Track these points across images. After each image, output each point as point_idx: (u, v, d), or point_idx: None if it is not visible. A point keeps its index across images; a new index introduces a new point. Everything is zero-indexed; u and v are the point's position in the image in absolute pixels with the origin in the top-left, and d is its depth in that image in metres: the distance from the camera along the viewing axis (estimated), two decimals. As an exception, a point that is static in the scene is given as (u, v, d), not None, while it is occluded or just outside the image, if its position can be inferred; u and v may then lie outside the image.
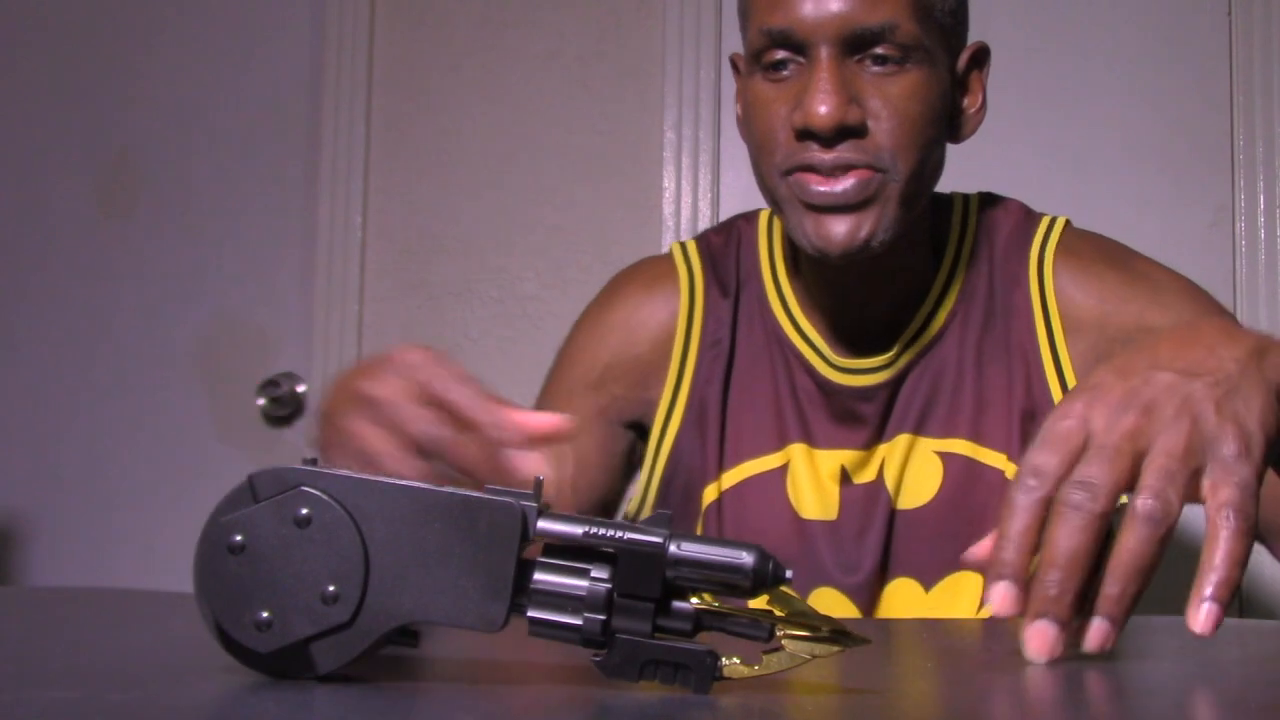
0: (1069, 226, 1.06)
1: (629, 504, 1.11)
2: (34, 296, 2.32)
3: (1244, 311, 1.83)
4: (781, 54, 0.93)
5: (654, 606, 0.46)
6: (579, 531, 0.47)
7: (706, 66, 2.03)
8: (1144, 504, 0.58)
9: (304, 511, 0.47)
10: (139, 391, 2.25)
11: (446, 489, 0.47)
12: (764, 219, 1.12)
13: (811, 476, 1.01)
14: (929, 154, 0.95)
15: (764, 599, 0.47)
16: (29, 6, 2.37)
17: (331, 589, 0.47)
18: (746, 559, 0.46)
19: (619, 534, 0.46)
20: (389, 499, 0.47)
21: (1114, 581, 0.58)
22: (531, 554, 0.48)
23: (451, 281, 2.10)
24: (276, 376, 2.18)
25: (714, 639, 0.47)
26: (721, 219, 1.99)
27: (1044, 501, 0.60)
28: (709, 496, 1.04)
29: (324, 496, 0.47)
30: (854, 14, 0.91)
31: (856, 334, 1.03)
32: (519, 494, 0.48)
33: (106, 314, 2.28)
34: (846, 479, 1.01)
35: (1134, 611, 0.60)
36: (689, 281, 1.09)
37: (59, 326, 2.30)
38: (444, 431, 0.65)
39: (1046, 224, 1.05)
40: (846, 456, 1.01)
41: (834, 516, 1.00)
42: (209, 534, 0.47)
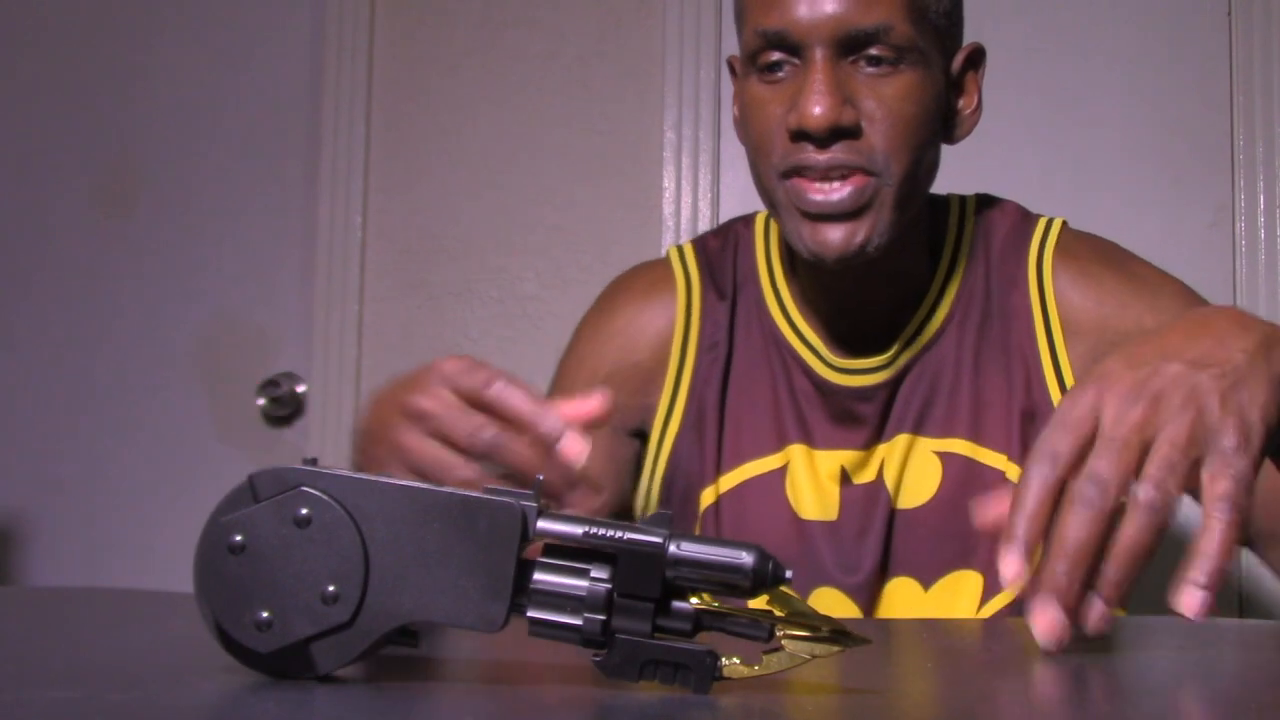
0: (1066, 228, 1.06)
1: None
2: (34, 296, 2.32)
3: (1244, 311, 1.83)
4: (776, 55, 0.94)
5: (654, 606, 0.46)
6: (579, 531, 0.47)
7: (706, 66, 2.02)
8: (1146, 493, 0.61)
9: (304, 511, 0.47)
10: (139, 391, 2.25)
11: (446, 489, 0.48)
12: (761, 222, 1.12)
13: (811, 477, 1.01)
14: (923, 155, 0.96)
15: (764, 599, 0.47)
16: (29, 7, 2.37)
17: (331, 589, 0.47)
18: (746, 559, 0.46)
19: (619, 534, 0.46)
20: (389, 499, 0.47)
21: (1115, 567, 0.60)
22: (531, 554, 0.48)
23: (451, 281, 2.10)
24: (276, 376, 2.18)
25: (714, 639, 0.47)
26: (721, 219, 2.01)
27: (1058, 484, 0.62)
28: (708, 499, 1.04)
29: (324, 496, 0.47)
30: (848, 15, 0.91)
31: (854, 335, 1.03)
32: (519, 494, 0.48)
33: (106, 314, 2.28)
34: (846, 479, 1.01)
35: (1133, 609, 0.61)
36: (685, 285, 1.09)
37: (59, 326, 2.30)
38: (496, 435, 0.68)
39: (1044, 225, 1.05)
40: (846, 457, 1.01)
41: (834, 517, 1.00)
42: (209, 534, 0.47)
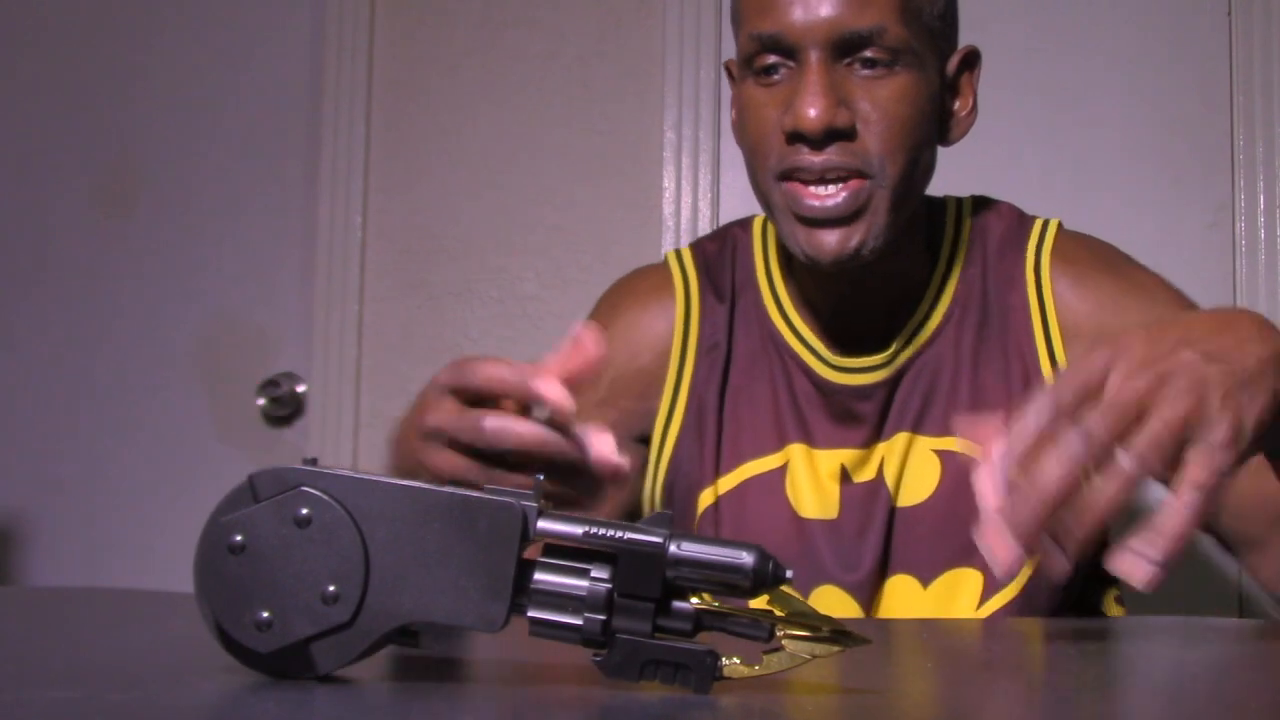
0: (1061, 229, 1.06)
1: None
2: (34, 296, 2.32)
3: (1244, 311, 1.83)
4: (772, 59, 0.95)
5: (654, 606, 0.46)
6: (579, 531, 0.47)
7: (706, 66, 2.02)
8: (1127, 463, 0.62)
9: (304, 511, 0.47)
10: (139, 391, 2.25)
11: (446, 489, 0.48)
12: (758, 225, 1.12)
13: (811, 476, 1.01)
14: (918, 156, 0.96)
15: (764, 599, 0.47)
16: (29, 7, 2.37)
17: (332, 589, 0.47)
18: (746, 559, 0.46)
19: (619, 534, 0.46)
20: (389, 499, 0.47)
21: (1077, 522, 0.62)
22: (531, 554, 0.48)
23: (451, 281, 2.10)
24: (276, 376, 2.18)
25: (714, 639, 0.47)
26: (721, 219, 2.01)
27: (1051, 427, 0.65)
28: (706, 500, 1.04)
29: (324, 496, 0.47)
30: (842, 18, 0.92)
31: (852, 334, 1.04)
32: (519, 494, 0.48)
33: (106, 314, 2.28)
34: (846, 478, 1.01)
35: (1133, 609, 0.61)
36: (684, 288, 1.10)
37: (59, 326, 2.30)
38: (495, 421, 0.69)
39: (1040, 227, 1.06)
40: (846, 455, 1.02)
41: (834, 515, 1.00)
42: (209, 534, 0.47)
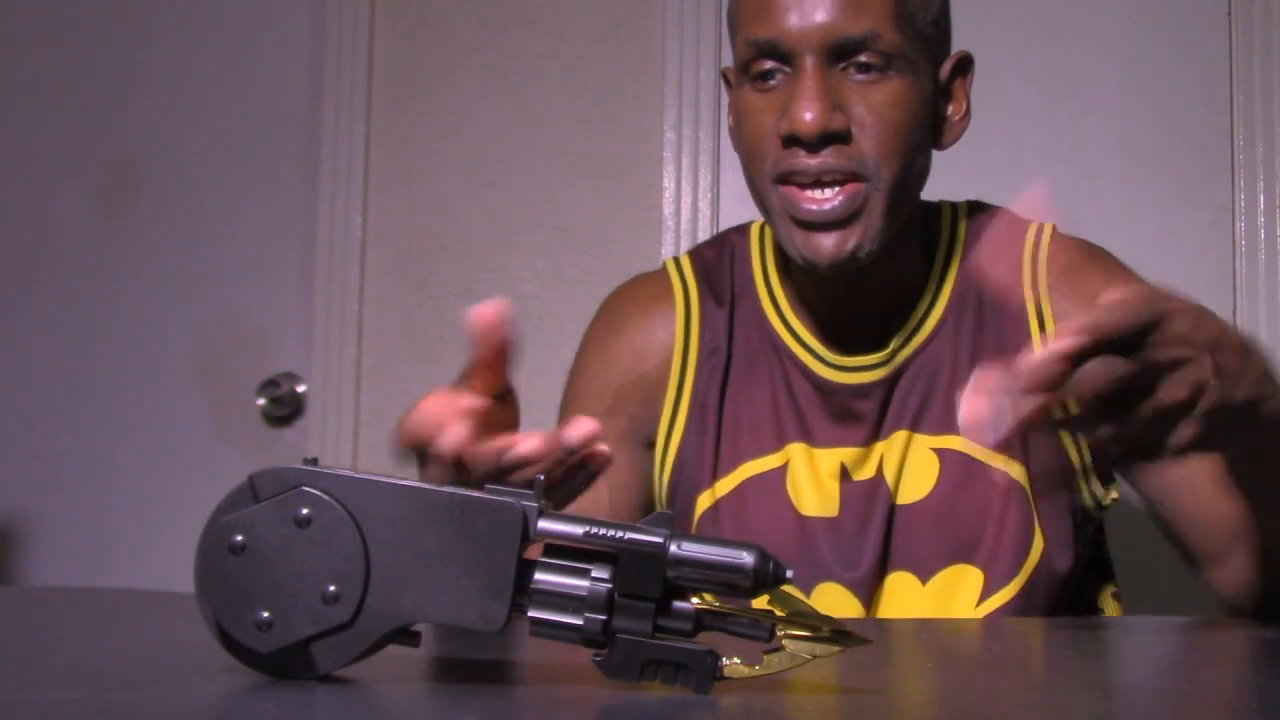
0: (1056, 234, 1.07)
1: None
2: (34, 296, 2.32)
3: (1244, 311, 1.83)
4: (769, 64, 0.96)
5: (655, 606, 0.46)
6: (579, 531, 0.47)
7: (706, 66, 2.02)
8: (1137, 416, 0.65)
9: (304, 511, 0.47)
10: (139, 391, 2.25)
11: (447, 489, 0.48)
12: (755, 230, 1.14)
13: (811, 475, 1.02)
14: (913, 160, 0.98)
15: (764, 599, 0.47)
16: (29, 7, 2.37)
17: (332, 589, 0.47)
18: (747, 559, 0.46)
19: (619, 534, 0.46)
20: (389, 499, 0.47)
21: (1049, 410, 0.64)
22: (533, 554, 0.48)
23: (451, 281, 2.10)
24: (276, 376, 2.18)
25: (714, 639, 0.47)
26: (721, 219, 2.01)
27: (1093, 346, 0.64)
28: (705, 502, 1.05)
29: (325, 496, 0.47)
30: (837, 24, 0.94)
31: (850, 334, 1.04)
32: (519, 494, 0.47)
33: (106, 314, 2.28)
34: (846, 476, 1.02)
35: (1132, 609, 0.61)
36: (684, 294, 1.11)
37: (59, 326, 2.30)
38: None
39: (1035, 231, 1.07)
40: (846, 454, 1.02)
41: (834, 513, 1.01)
42: (209, 534, 0.47)
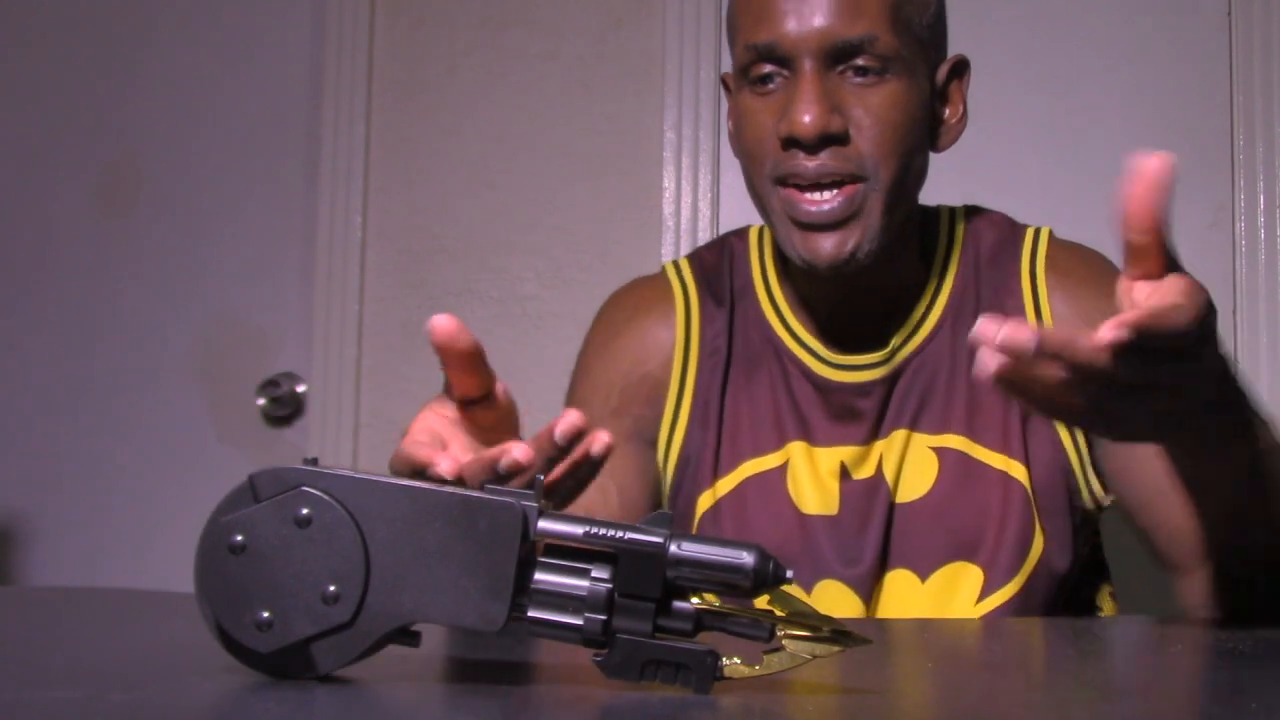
0: (1053, 238, 1.08)
1: None
2: (34, 296, 2.32)
3: (1244, 311, 1.83)
4: (768, 68, 0.98)
5: (655, 606, 0.46)
6: (579, 531, 0.47)
7: (706, 66, 2.02)
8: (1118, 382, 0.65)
9: (304, 511, 0.47)
10: (139, 391, 2.25)
11: (447, 489, 0.47)
12: (754, 234, 1.15)
13: (811, 473, 1.03)
14: (910, 161, 0.99)
15: (765, 599, 0.47)
16: (29, 7, 2.37)
17: (332, 589, 0.47)
18: (747, 559, 0.46)
19: (619, 534, 0.46)
20: (390, 499, 0.47)
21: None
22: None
23: (451, 281, 2.10)
24: (276, 376, 2.18)
25: (715, 639, 0.47)
26: (721, 219, 2.01)
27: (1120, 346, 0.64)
28: (706, 502, 1.06)
29: (325, 496, 0.47)
30: (834, 27, 0.95)
31: (849, 334, 1.05)
32: (519, 494, 0.47)
33: (106, 314, 2.28)
34: (846, 474, 1.03)
35: (1130, 609, 0.61)
36: (684, 296, 1.12)
37: (59, 326, 2.30)
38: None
39: (1032, 235, 1.08)
40: (846, 453, 1.03)
41: (835, 511, 1.02)
42: (209, 534, 0.47)
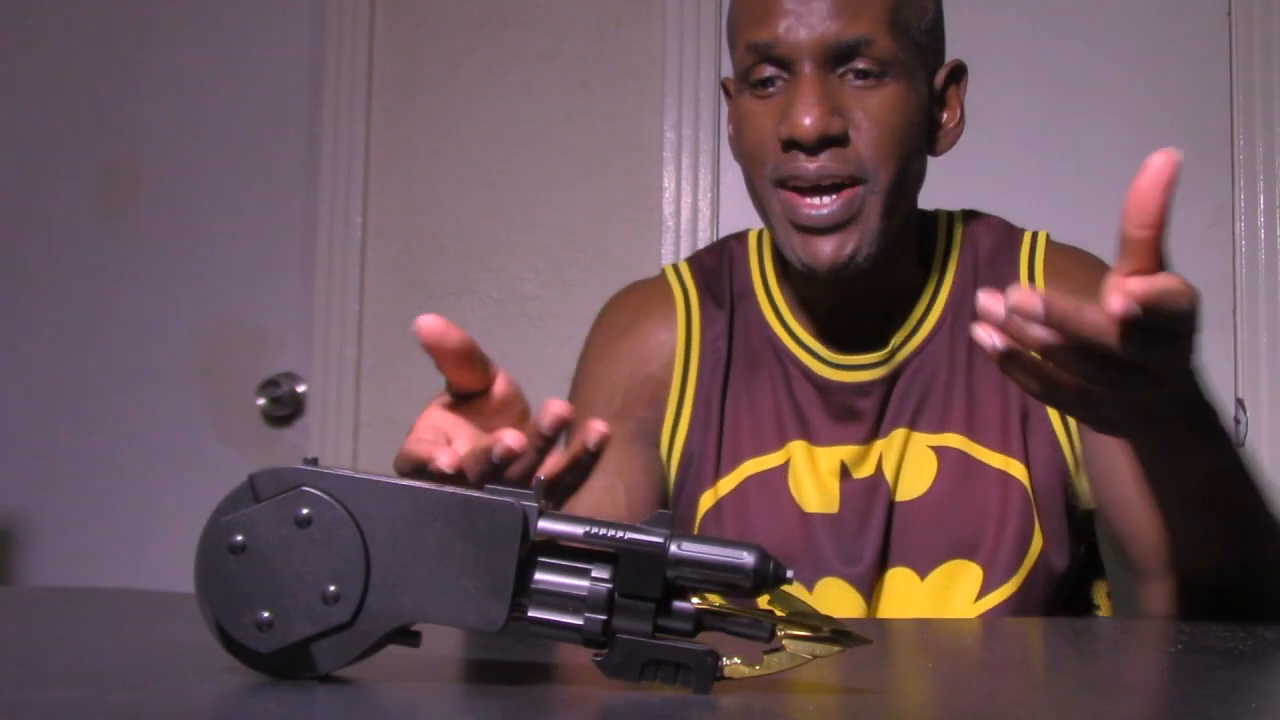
0: (1050, 242, 1.09)
1: None
2: (34, 295, 2.32)
3: (1244, 311, 1.83)
4: (768, 71, 0.98)
5: (655, 606, 0.46)
6: (579, 531, 0.47)
7: (706, 66, 2.02)
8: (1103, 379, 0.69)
9: (305, 511, 0.47)
10: (139, 391, 2.25)
11: (447, 489, 0.47)
12: (753, 237, 1.16)
13: (812, 473, 1.04)
14: (909, 163, 1.00)
15: (765, 598, 0.47)
16: (29, 7, 2.37)
17: (332, 589, 0.47)
18: (747, 559, 0.46)
19: (619, 534, 0.46)
20: (390, 499, 0.47)
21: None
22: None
23: (451, 281, 2.10)
24: (276, 376, 2.18)
25: (715, 639, 0.47)
26: (721, 219, 2.01)
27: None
28: (707, 502, 1.06)
29: (325, 496, 0.47)
30: (833, 28, 0.96)
31: (850, 335, 1.06)
32: (519, 494, 0.47)
33: (106, 313, 2.28)
34: (846, 474, 1.04)
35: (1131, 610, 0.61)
36: (684, 298, 1.12)
37: (59, 326, 2.30)
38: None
39: (1030, 239, 1.09)
40: (846, 452, 1.04)
41: (835, 510, 1.03)
42: (209, 534, 0.47)
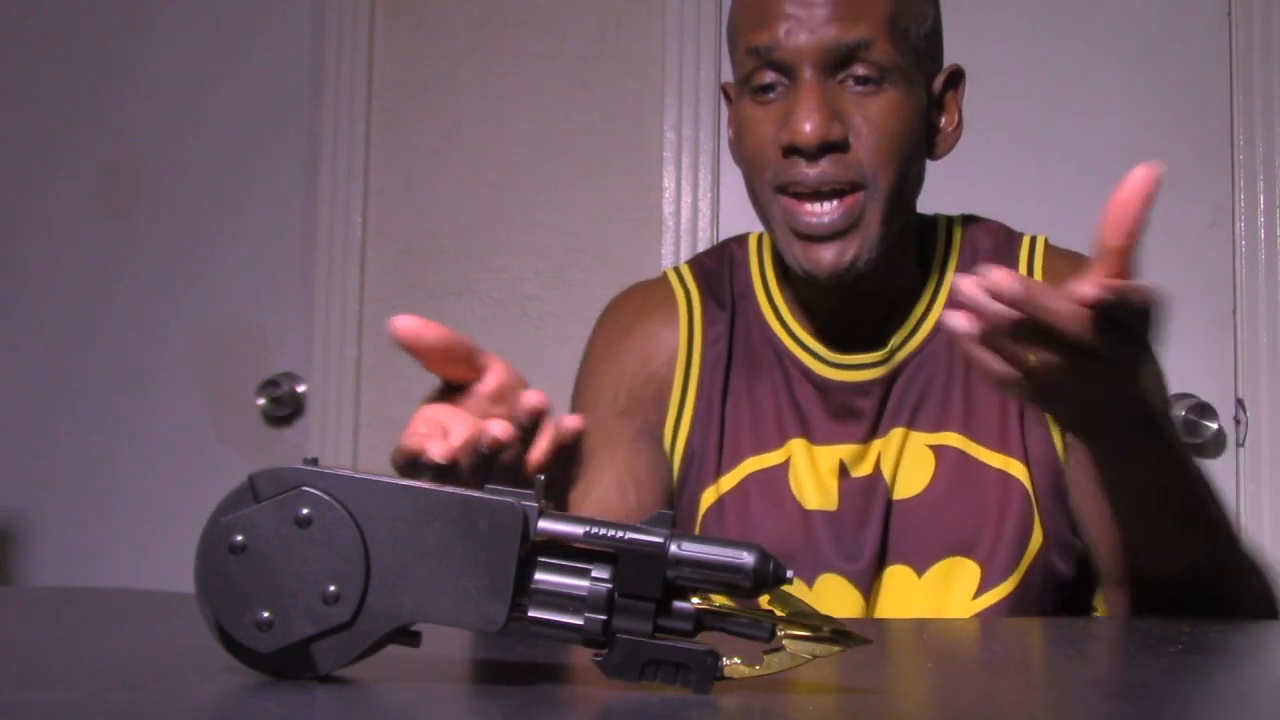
0: (1049, 246, 1.10)
1: None
2: (34, 295, 2.32)
3: (1244, 311, 1.83)
4: (769, 77, 0.99)
5: (655, 606, 0.46)
6: (579, 531, 0.47)
7: (706, 66, 2.02)
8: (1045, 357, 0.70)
9: (305, 511, 0.47)
10: (139, 391, 2.25)
11: (447, 489, 0.47)
12: (753, 240, 1.16)
13: (811, 471, 1.04)
14: (908, 169, 1.00)
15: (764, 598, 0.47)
16: (29, 7, 2.37)
17: (332, 589, 0.47)
18: (747, 559, 0.46)
19: (620, 534, 0.46)
20: (390, 499, 0.47)
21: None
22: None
23: (451, 281, 2.10)
24: (276, 376, 2.18)
25: (715, 639, 0.47)
26: (721, 219, 2.01)
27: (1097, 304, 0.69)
28: (711, 497, 1.07)
29: (325, 496, 0.47)
30: (833, 32, 0.97)
31: (850, 335, 1.07)
32: (520, 494, 0.47)
33: (106, 313, 2.28)
34: (844, 472, 1.04)
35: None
36: (686, 299, 1.13)
37: (59, 326, 2.30)
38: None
39: (1028, 243, 1.10)
40: (844, 451, 1.04)
41: (834, 507, 1.03)
42: (209, 534, 0.47)
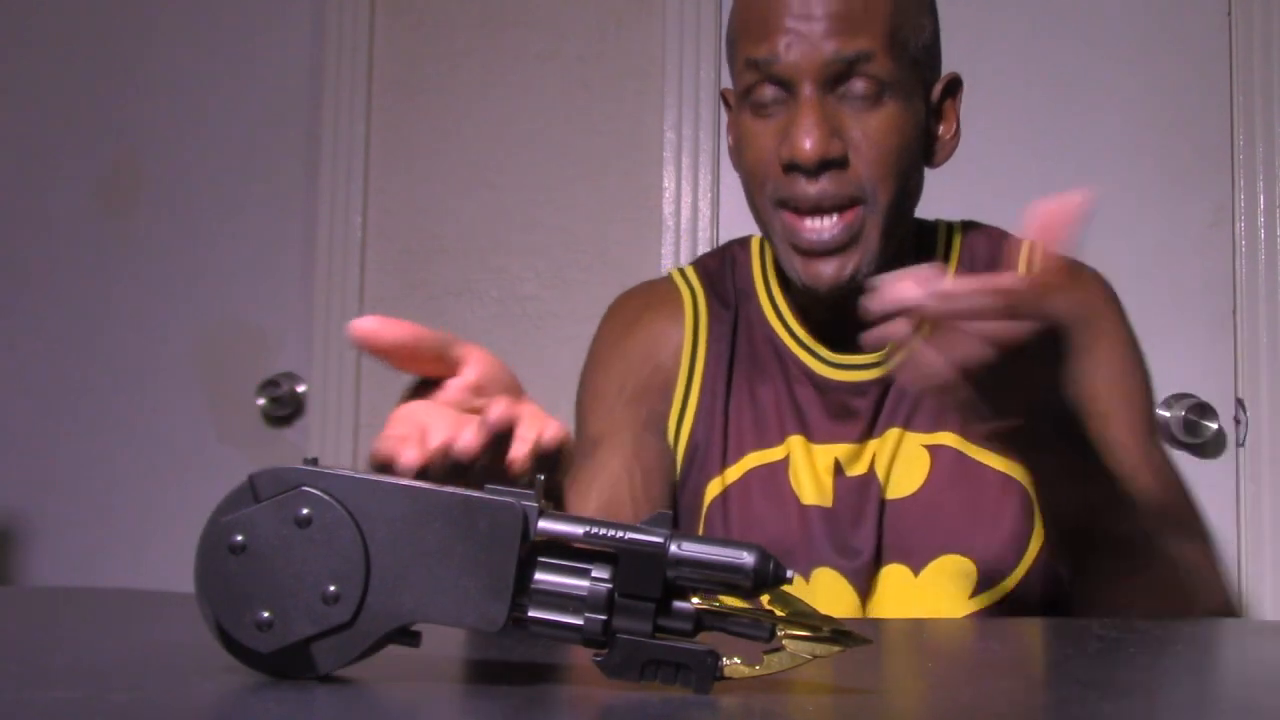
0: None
1: None
2: (34, 295, 2.32)
3: (1244, 311, 1.83)
4: (769, 92, 0.99)
5: (655, 606, 0.46)
6: (579, 531, 0.47)
7: (706, 66, 2.02)
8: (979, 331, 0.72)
9: (305, 511, 0.47)
10: (138, 391, 2.25)
11: (447, 489, 0.47)
12: (756, 243, 1.17)
13: (809, 468, 1.05)
14: (907, 182, 1.01)
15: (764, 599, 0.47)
16: (29, 7, 2.37)
17: (332, 589, 0.47)
18: (747, 559, 0.46)
19: (619, 534, 0.46)
20: (390, 499, 0.47)
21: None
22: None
23: (451, 281, 2.10)
24: (276, 376, 2.18)
25: (715, 639, 0.47)
26: (721, 219, 2.01)
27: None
28: (716, 488, 1.08)
29: (325, 496, 0.47)
30: (832, 45, 0.97)
31: (848, 338, 1.07)
32: (520, 493, 0.47)
33: (106, 313, 2.28)
34: (840, 471, 1.05)
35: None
36: (691, 297, 1.14)
37: (59, 326, 2.30)
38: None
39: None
40: (840, 450, 1.05)
41: (830, 504, 1.04)
42: (209, 534, 0.47)
